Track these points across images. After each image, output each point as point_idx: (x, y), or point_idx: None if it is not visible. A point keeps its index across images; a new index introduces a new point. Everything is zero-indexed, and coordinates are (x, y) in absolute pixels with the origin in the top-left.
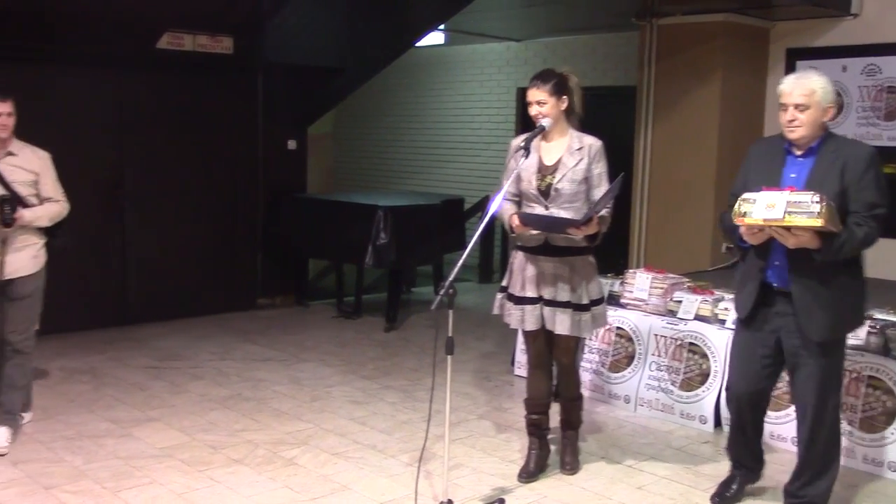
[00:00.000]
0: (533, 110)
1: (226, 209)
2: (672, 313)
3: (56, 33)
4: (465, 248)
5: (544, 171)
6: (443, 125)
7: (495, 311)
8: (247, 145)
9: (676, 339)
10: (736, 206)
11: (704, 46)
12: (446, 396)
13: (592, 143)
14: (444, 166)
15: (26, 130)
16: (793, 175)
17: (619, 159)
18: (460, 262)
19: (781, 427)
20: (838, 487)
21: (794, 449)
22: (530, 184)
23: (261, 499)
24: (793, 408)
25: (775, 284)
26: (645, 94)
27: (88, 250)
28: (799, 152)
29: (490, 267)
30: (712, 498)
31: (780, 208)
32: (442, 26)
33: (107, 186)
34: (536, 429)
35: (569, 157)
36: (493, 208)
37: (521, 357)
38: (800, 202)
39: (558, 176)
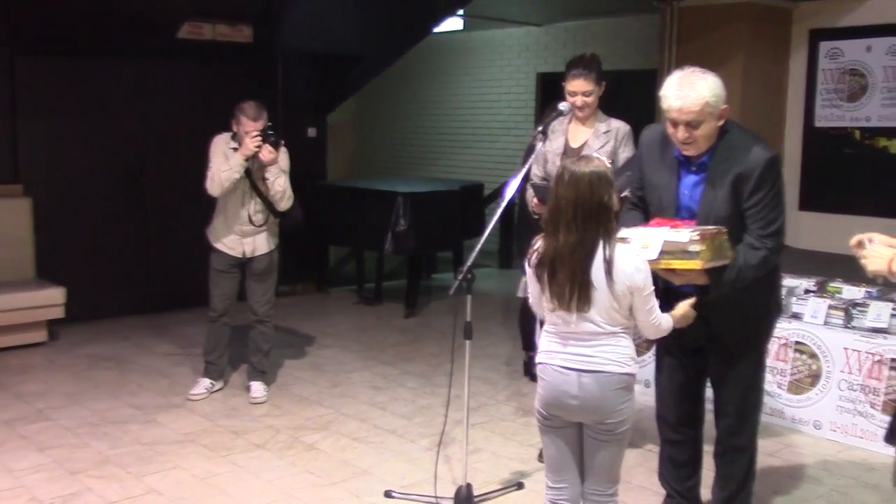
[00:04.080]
0: (578, 101)
1: None
2: None
3: (78, 25)
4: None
5: (569, 152)
6: (462, 111)
7: (520, 293)
8: None
9: None
10: None
11: (726, 29)
12: (465, 381)
13: (620, 126)
14: (463, 152)
15: (51, 121)
16: (686, 192)
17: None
18: (478, 247)
19: (801, 411)
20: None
21: (816, 432)
22: (555, 165)
23: (282, 483)
24: (813, 391)
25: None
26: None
27: (112, 238)
28: (692, 165)
29: (510, 252)
30: None
31: (656, 249)
32: (461, 11)
33: (129, 175)
34: None
35: (595, 139)
36: (509, 193)
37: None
38: (677, 241)
39: None
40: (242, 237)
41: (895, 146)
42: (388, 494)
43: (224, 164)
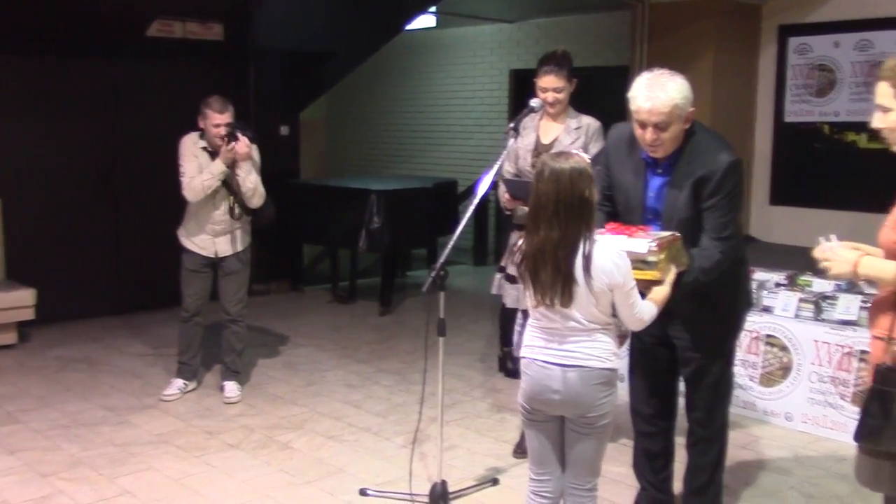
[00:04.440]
0: (550, 97)
1: None
2: None
3: (47, 23)
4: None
5: (540, 148)
6: (435, 108)
7: (494, 290)
8: None
9: None
10: None
11: (696, 25)
12: (439, 378)
13: (591, 122)
14: (437, 149)
15: (19, 121)
16: (652, 194)
17: None
18: (451, 244)
19: (773, 403)
20: None
21: (787, 424)
22: (526, 161)
23: (256, 482)
24: (784, 383)
25: None
26: (637, 74)
27: (83, 239)
28: (658, 167)
29: (484, 249)
30: None
31: None
32: (433, 8)
33: (100, 174)
34: None
35: (566, 135)
36: (481, 189)
37: (518, 338)
38: (635, 252)
39: None
40: (214, 237)
41: (863, 140)
42: (363, 492)
43: (205, 172)
